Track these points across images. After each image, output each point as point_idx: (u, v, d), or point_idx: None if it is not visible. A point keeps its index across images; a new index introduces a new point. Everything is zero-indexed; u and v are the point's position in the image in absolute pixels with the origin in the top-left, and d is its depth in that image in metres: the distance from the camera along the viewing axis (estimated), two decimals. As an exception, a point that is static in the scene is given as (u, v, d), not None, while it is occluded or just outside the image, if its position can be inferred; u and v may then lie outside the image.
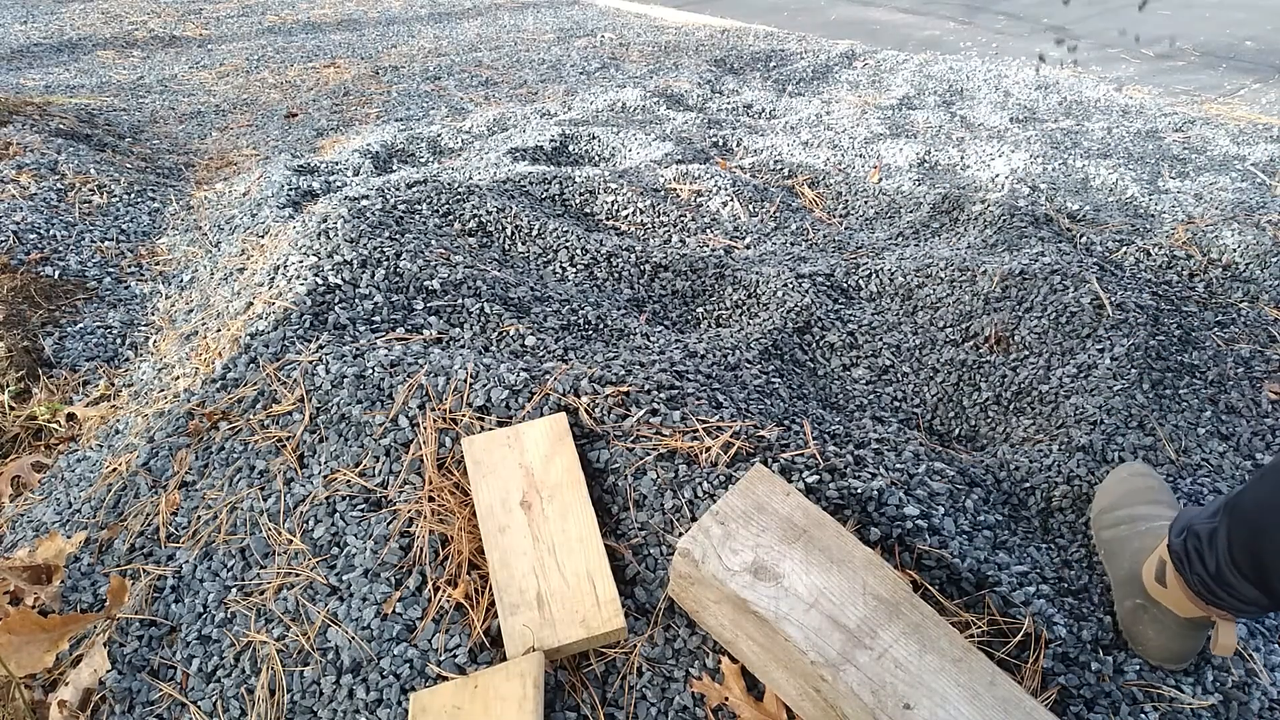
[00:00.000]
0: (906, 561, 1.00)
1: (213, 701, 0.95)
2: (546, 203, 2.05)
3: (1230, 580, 0.80)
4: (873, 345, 1.58)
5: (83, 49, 4.14)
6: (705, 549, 0.88)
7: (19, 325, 1.68)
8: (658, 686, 0.91)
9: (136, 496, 1.20)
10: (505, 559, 0.99)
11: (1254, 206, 1.93)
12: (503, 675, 0.87)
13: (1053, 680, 0.93)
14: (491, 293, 1.55)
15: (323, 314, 1.42)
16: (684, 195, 2.15)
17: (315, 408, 1.21)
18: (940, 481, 1.16)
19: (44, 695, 0.99)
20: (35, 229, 1.98)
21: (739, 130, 2.80)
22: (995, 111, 3.10)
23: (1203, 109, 3.23)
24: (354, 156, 2.48)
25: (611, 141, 2.56)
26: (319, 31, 4.65)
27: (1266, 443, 1.33)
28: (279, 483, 1.13)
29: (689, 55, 4.14)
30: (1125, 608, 0.97)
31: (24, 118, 2.64)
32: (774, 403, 1.36)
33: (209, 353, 1.44)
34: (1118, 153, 2.61)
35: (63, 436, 1.47)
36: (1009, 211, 1.93)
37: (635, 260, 1.77)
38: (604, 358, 1.37)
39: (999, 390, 1.45)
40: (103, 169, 2.33)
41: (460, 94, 3.48)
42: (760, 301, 1.69)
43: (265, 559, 1.06)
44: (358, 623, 0.96)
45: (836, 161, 2.47)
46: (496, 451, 1.09)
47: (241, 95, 3.50)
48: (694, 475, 1.06)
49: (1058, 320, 1.51)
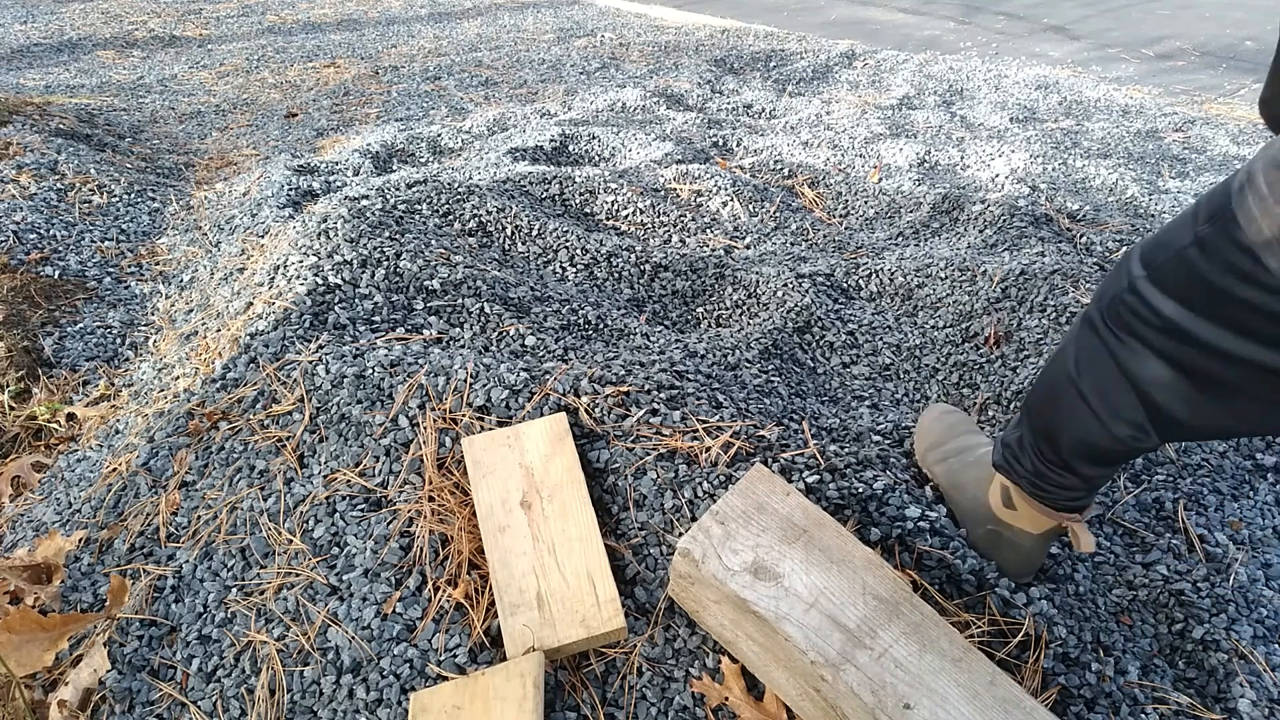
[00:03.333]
0: (906, 561, 1.00)
1: (213, 701, 0.95)
2: (546, 203, 2.05)
3: (1044, 470, 0.89)
4: (873, 345, 1.58)
5: (83, 49, 4.14)
6: (705, 549, 0.88)
7: (19, 325, 1.68)
8: (658, 686, 0.91)
9: (136, 496, 1.20)
10: (505, 559, 0.99)
11: (1254, 206, 1.92)
12: (503, 675, 0.87)
13: (1053, 680, 0.93)
14: (491, 293, 1.55)
15: (323, 314, 1.42)
16: (684, 195, 2.15)
17: (315, 408, 1.21)
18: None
19: (44, 695, 0.99)
20: (35, 229, 1.98)
21: (739, 130, 2.80)
22: (995, 111, 3.10)
23: (1203, 109, 3.23)
24: (354, 156, 2.48)
25: (611, 141, 2.56)
26: (319, 31, 4.65)
27: (1266, 442, 1.32)
28: (279, 483, 1.13)
29: (689, 55, 4.14)
30: (979, 535, 1.03)
31: (24, 118, 2.64)
32: (774, 402, 1.36)
33: (209, 353, 1.44)
34: (1118, 153, 2.61)
35: (63, 436, 1.47)
36: (1009, 211, 1.93)
37: (635, 260, 1.77)
38: (604, 358, 1.37)
39: (999, 390, 1.45)
40: (103, 169, 2.33)
41: (460, 94, 3.48)
42: (760, 301, 1.69)
43: (265, 559, 1.06)
44: (358, 623, 0.96)
45: (836, 161, 2.47)
46: (496, 451, 1.09)
47: (241, 95, 3.50)
48: (694, 475, 1.06)
49: (1058, 320, 1.51)
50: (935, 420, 1.20)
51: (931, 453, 1.16)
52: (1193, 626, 1.01)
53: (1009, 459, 0.95)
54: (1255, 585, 1.08)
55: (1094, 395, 0.78)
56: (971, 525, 1.05)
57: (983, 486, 1.03)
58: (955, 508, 1.09)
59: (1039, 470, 0.90)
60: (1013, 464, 0.94)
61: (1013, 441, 0.94)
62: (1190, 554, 1.12)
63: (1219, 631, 1.00)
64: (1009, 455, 0.94)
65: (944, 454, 1.13)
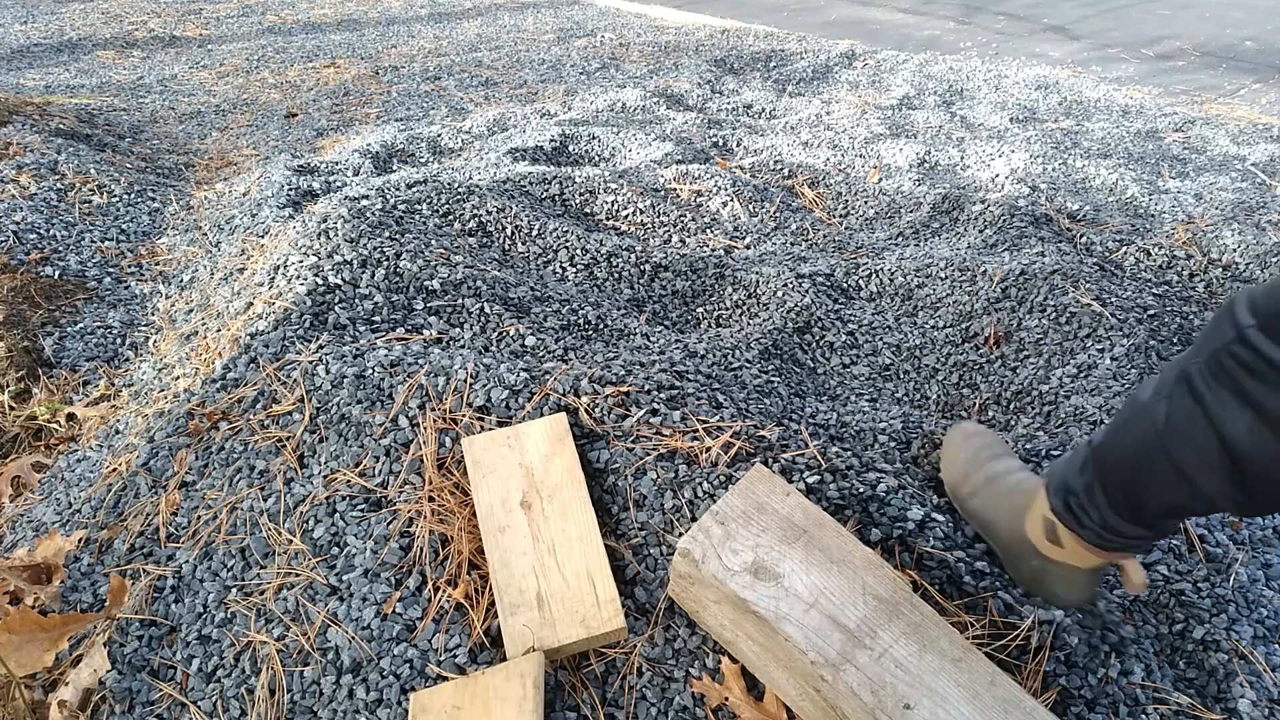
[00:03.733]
0: (906, 562, 1.00)
1: (213, 701, 0.95)
2: (546, 203, 2.05)
3: (1117, 526, 0.83)
4: (873, 345, 1.58)
5: (83, 49, 4.15)
6: (705, 549, 0.88)
7: (19, 325, 1.68)
8: (658, 686, 0.91)
9: (136, 496, 1.20)
10: (505, 559, 0.99)
11: (1254, 206, 1.93)
12: (503, 675, 0.87)
13: (1053, 681, 0.93)
14: (491, 293, 1.55)
15: (323, 314, 1.42)
16: (684, 195, 2.15)
17: (315, 408, 1.21)
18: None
19: (44, 695, 0.99)
20: (35, 229, 1.98)
21: (739, 130, 2.80)
22: (995, 111, 3.10)
23: (1203, 109, 3.23)
24: (354, 156, 2.48)
25: (611, 141, 2.56)
26: (319, 31, 4.65)
27: (1267, 443, 1.32)
28: (279, 483, 1.13)
29: (689, 55, 4.14)
30: (1024, 571, 0.98)
31: (24, 118, 2.64)
32: (774, 403, 1.36)
33: (209, 353, 1.43)
34: (1118, 153, 2.61)
35: (63, 436, 1.47)
36: (1009, 211, 1.93)
37: (635, 260, 1.77)
38: (604, 358, 1.37)
39: (999, 390, 1.45)
40: (103, 169, 2.33)
41: (460, 94, 3.48)
42: (760, 301, 1.69)
43: (265, 559, 1.06)
44: (358, 623, 0.96)
45: (836, 161, 2.47)
46: (496, 451, 1.09)
47: (241, 95, 3.50)
48: (694, 475, 1.06)
49: (1058, 320, 1.51)
50: (959, 448, 1.13)
51: (961, 487, 1.09)
52: (1193, 627, 1.01)
53: (1073, 508, 0.87)
54: (1255, 585, 1.08)
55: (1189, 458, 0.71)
56: (1013, 562, 0.98)
57: (1020, 518, 0.96)
58: (993, 543, 1.02)
59: (1109, 524, 0.83)
60: (1078, 514, 0.86)
61: (1079, 489, 0.86)
62: (1190, 554, 1.12)
63: (1219, 632, 1.00)
64: (1074, 504, 0.87)
65: (973, 488, 1.06)
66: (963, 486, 1.09)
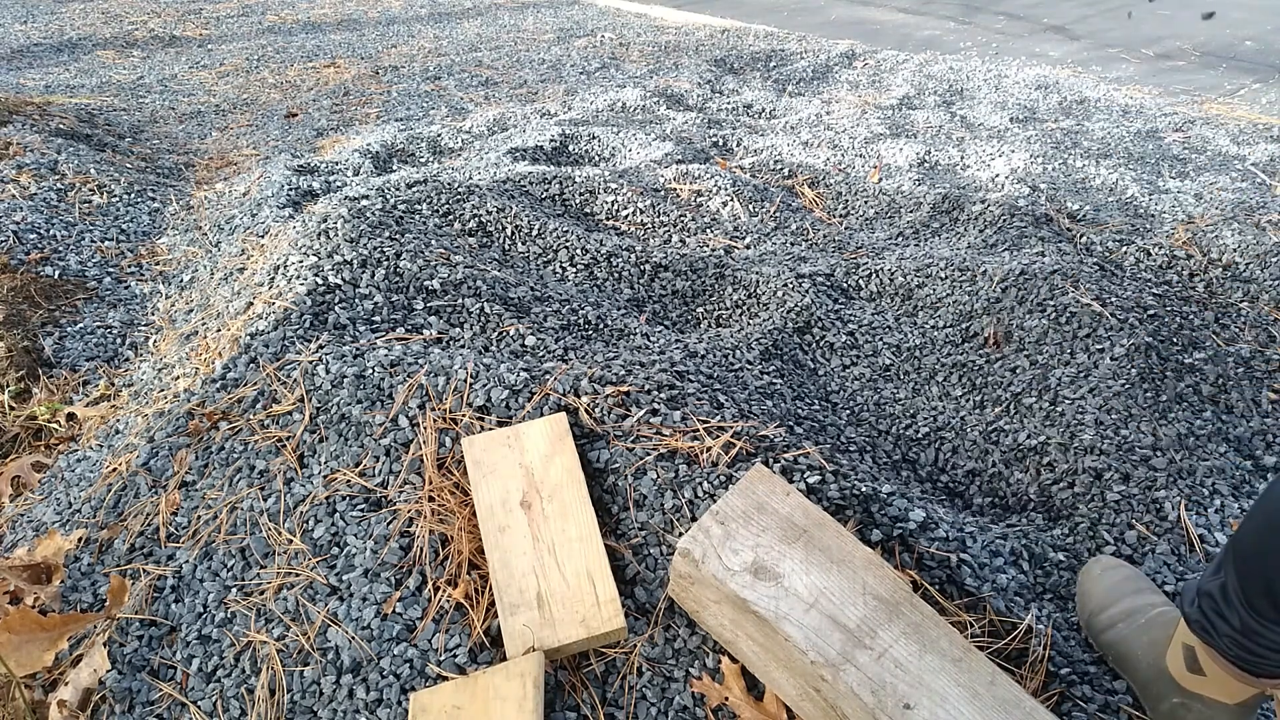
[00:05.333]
0: (907, 562, 1.00)
1: (213, 701, 0.95)
2: (546, 203, 2.05)
3: (1257, 628, 0.74)
4: (873, 345, 1.58)
5: (83, 49, 4.15)
6: (705, 549, 0.88)
7: (19, 325, 1.68)
8: (658, 686, 0.91)
9: (136, 496, 1.20)
10: (505, 559, 0.99)
11: (1254, 206, 1.93)
12: (503, 675, 0.87)
13: (1053, 681, 0.93)
14: (491, 293, 1.55)
15: (323, 314, 1.42)
16: (684, 195, 2.15)
17: (315, 408, 1.21)
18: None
19: (44, 695, 0.99)
20: (35, 229, 1.98)
21: (739, 130, 2.80)
22: (995, 111, 3.10)
23: (1203, 109, 3.23)
24: (354, 156, 2.48)
25: (611, 141, 2.56)
26: (319, 31, 4.65)
27: (1267, 442, 1.32)
28: (279, 483, 1.13)
29: (689, 55, 4.14)
30: (1163, 711, 0.88)
31: (24, 118, 2.63)
32: (775, 403, 1.35)
33: (209, 353, 1.43)
34: (1118, 153, 2.61)
35: (63, 436, 1.47)
36: (1009, 211, 1.93)
37: (635, 260, 1.77)
38: (604, 358, 1.37)
39: (999, 390, 1.45)
40: (103, 169, 2.33)
41: (460, 94, 3.48)
42: (760, 301, 1.69)
43: (265, 559, 1.06)
44: (358, 623, 0.96)
45: (836, 161, 2.47)
46: (496, 451, 1.09)
47: (241, 95, 3.50)
48: (694, 475, 1.06)
49: (1058, 320, 1.51)
50: (1096, 580, 1.04)
51: (1096, 619, 1.00)
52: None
53: (1206, 613, 0.79)
54: (1255, 585, 1.08)
55: None
56: (1152, 701, 0.90)
57: (1160, 651, 0.89)
58: (1131, 681, 0.94)
59: (1249, 628, 0.75)
60: (1212, 620, 0.78)
61: (1213, 590, 0.78)
62: (1190, 554, 1.12)
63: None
64: (1206, 608, 0.79)
65: (1110, 619, 0.98)
66: (1097, 618, 1.00)
